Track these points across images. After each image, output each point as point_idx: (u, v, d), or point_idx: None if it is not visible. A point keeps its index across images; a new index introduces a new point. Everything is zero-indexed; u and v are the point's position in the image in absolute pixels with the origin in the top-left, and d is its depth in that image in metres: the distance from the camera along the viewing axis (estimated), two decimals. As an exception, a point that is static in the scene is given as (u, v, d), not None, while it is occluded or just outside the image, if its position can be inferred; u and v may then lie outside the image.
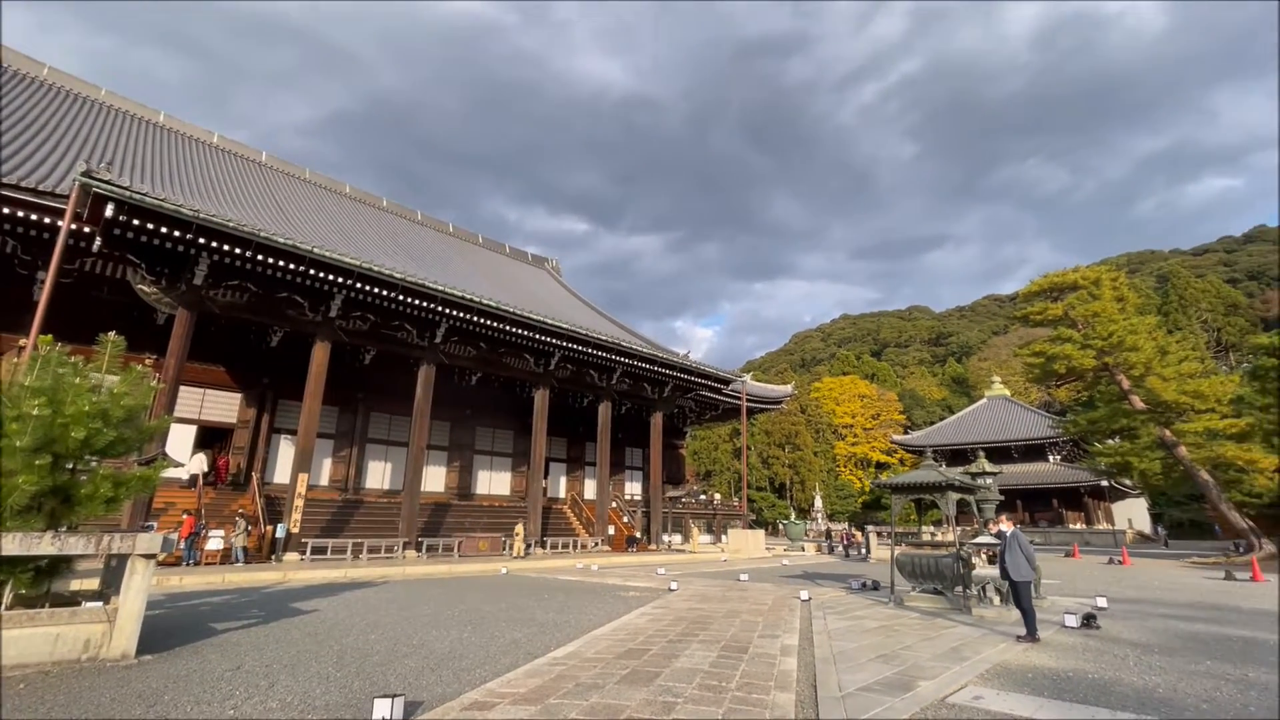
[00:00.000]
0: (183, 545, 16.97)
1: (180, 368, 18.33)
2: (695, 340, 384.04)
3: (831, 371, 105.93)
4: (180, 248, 17.32)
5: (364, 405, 28.85)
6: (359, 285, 20.24)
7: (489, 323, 23.42)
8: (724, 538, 34.83)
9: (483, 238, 44.55)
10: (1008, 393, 64.55)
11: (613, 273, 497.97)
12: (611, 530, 29.66)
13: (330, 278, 19.68)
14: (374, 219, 34.87)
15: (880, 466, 77.82)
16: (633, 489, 39.70)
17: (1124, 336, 28.10)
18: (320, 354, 21.29)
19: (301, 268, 18.94)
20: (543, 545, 25.84)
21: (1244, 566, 20.66)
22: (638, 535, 30.08)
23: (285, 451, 24.69)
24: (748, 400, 39.59)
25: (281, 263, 18.62)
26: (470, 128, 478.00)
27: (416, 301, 21.57)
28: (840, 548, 33.30)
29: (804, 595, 12.47)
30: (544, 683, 5.90)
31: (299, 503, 19.70)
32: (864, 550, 30.75)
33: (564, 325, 25.18)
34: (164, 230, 16.51)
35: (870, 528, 32.97)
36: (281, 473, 24.53)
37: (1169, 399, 27.05)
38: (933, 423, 73.99)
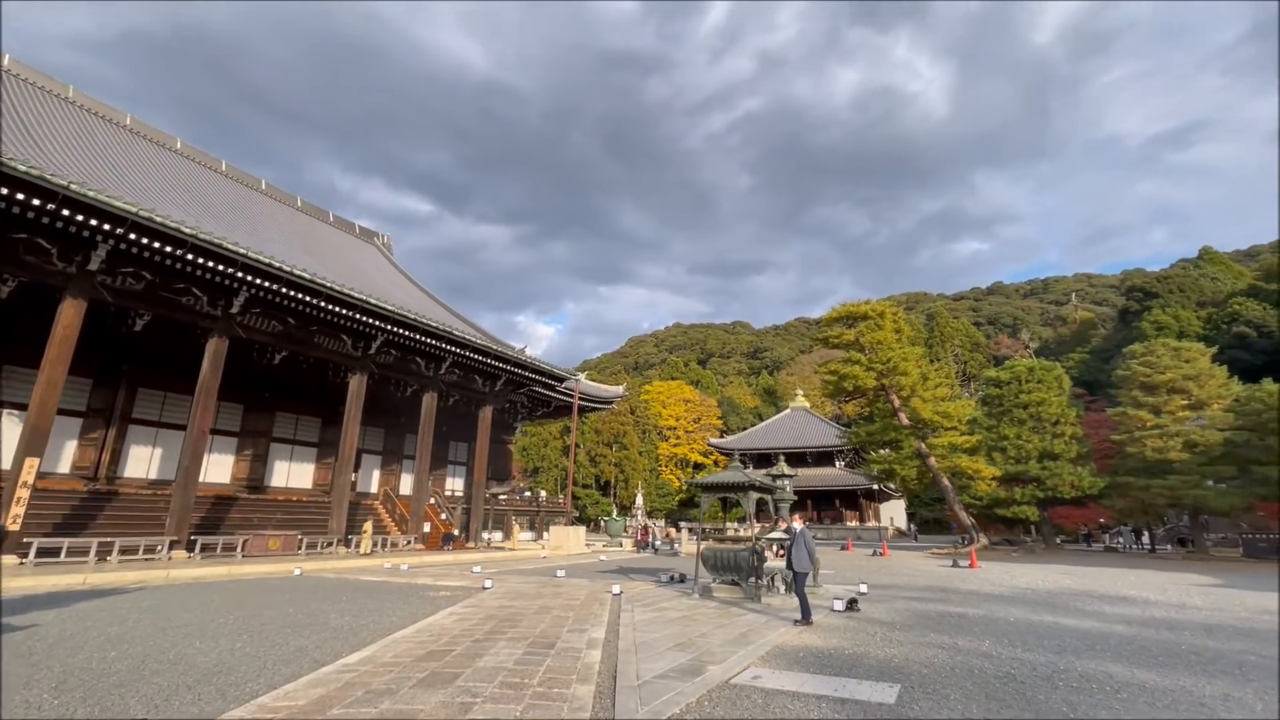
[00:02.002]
0: None
1: None
2: (536, 337, 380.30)
3: (661, 376, 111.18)
4: None
5: (130, 379, 24.29)
6: (131, 236, 16.97)
7: (300, 296, 20.97)
8: (546, 535, 34.84)
9: (302, 201, 39.81)
10: (807, 405, 72.69)
11: (455, 259, 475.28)
12: (427, 528, 28.18)
13: (89, 222, 16.23)
14: (163, 162, 29.45)
15: (697, 467, 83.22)
16: (455, 485, 38.10)
17: (898, 363, 33.18)
18: (71, 314, 17.44)
19: (37, 201, 15.32)
20: (346, 544, 23.76)
21: (966, 556, 25.43)
22: (455, 533, 28.91)
23: (12, 430, 19.86)
24: (581, 399, 40.06)
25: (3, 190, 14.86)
26: (305, 81, 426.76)
27: (209, 263, 18.61)
28: (639, 542, 33.39)
29: (616, 590, 12.92)
30: (329, 692, 5.43)
31: (22, 493, 15.96)
32: (674, 545, 32.73)
33: (390, 307, 23.40)
34: None
35: (683, 524, 35.14)
36: (7, 456, 19.68)
37: (926, 417, 32.47)
38: (745, 428, 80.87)
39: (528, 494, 43.35)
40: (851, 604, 11.02)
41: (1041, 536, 35.94)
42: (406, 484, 33.01)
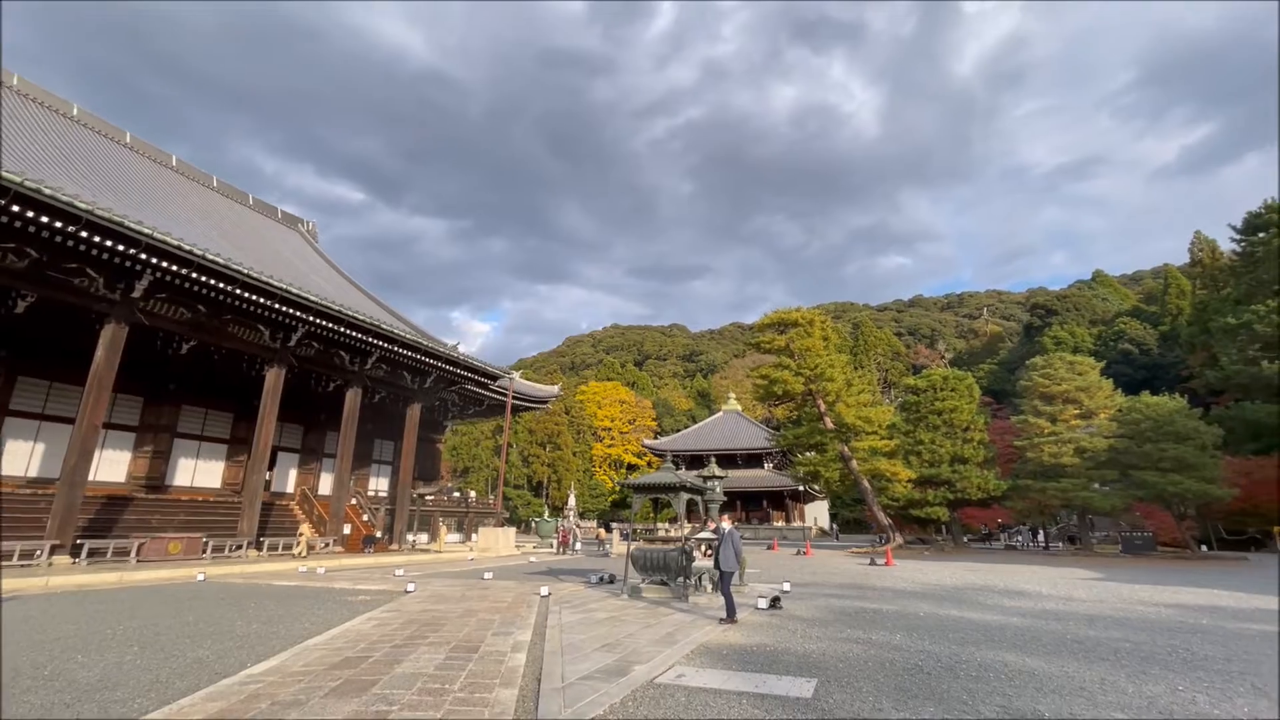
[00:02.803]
0: None
1: None
2: (471, 333, 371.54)
3: (598, 376, 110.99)
4: None
5: (8, 366, 22.00)
6: (15, 209, 15.36)
7: (212, 282, 19.58)
8: (474, 537, 34.05)
9: (219, 181, 37.24)
10: (739, 408, 74.44)
11: (388, 251, 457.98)
12: (348, 529, 26.95)
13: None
14: (56, 129, 26.83)
15: (631, 468, 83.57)
16: (379, 485, 36.63)
17: (825, 369, 34.50)
18: (-65, 291, 15.63)
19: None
20: (258, 547, 22.39)
21: (882, 554, 26.71)
22: (378, 535, 27.80)
23: None
24: (515, 398, 39.40)
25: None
26: (227, 54, 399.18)
27: (108, 242, 17.10)
28: (561, 544, 32.49)
29: (544, 591, 12.78)
30: (229, 705, 5.10)
31: None
32: (605, 546, 32.75)
33: (312, 297, 22.22)
34: None
35: (615, 525, 35.18)
36: None
37: (849, 422, 33.90)
38: (679, 430, 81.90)
39: (456, 494, 42.22)
40: (775, 602, 11.35)
41: (951, 535, 38.23)
42: (326, 484, 31.45)
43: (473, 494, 45.95)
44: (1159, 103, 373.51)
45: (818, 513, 67.42)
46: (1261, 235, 36.20)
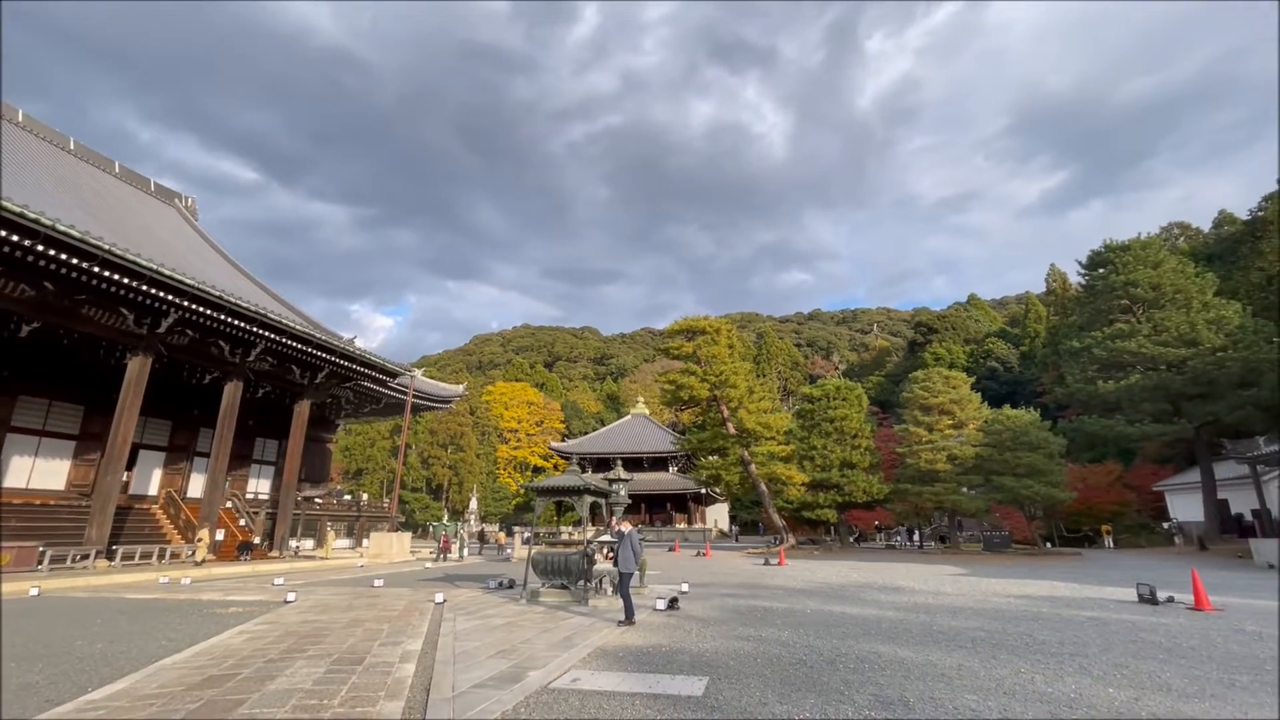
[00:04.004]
0: None
1: None
2: (372, 328, 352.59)
3: (506, 377, 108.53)
4: None
5: None
6: None
7: (62, 257, 17.35)
8: (366, 542, 32.23)
9: (78, 144, 33.02)
10: (647, 412, 75.40)
11: (282, 236, 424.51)
12: (221, 535, 24.65)
13: None
14: None
15: (537, 470, 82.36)
16: (260, 487, 33.78)
17: (729, 376, 35.71)
18: None
19: None
20: (109, 556, 19.99)
21: (776, 555, 27.96)
22: (255, 541, 25.63)
23: None
24: (416, 397, 37.71)
25: None
26: (98, 9, 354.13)
27: (-73, 205, 14.72)
28: (441, 549, 30.37)
29: (439, 598, 12.33)
30: (64, 736, 4.53)
31: None
32: (505, 550, 32.09)
33: (189, 280, 20.19)
34: None
35: (516, 528, 34.54)
36: None
37: (750, 427, 35.27)
38: (587, 433, 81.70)
39: (347, 497, 39.78)
40: (673, 603, 11.59)
41: (838, 536, 40.67)
42: (197, 485, 28.65)
43: (365, 497, 43.48)
44: (1025, 150, 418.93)
45: (718, 515, 69.49)
46: (1101, 270, 41.41)
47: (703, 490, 56.14)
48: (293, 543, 29.01)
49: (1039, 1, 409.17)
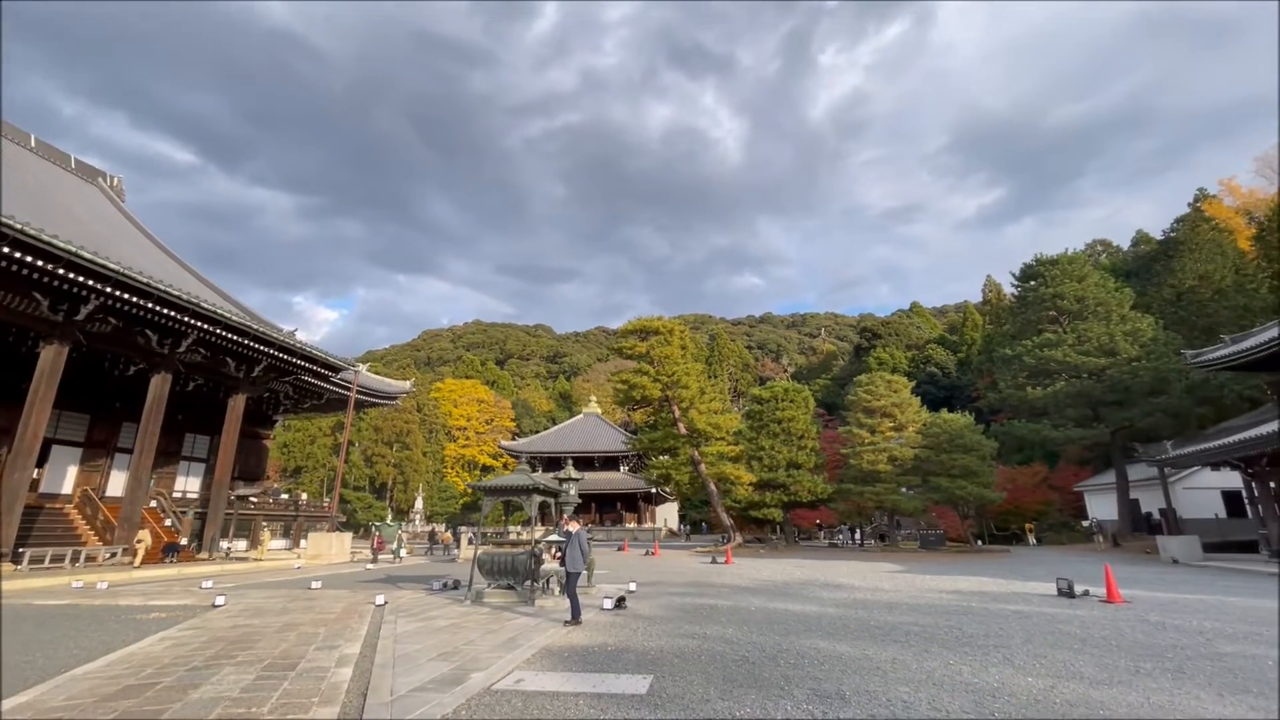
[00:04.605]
0: None
1: None
2: (315, 321, 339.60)
3: (455, 374, 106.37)
4: None
5: None
6: None
7: (-32, 237, 16.00)
8: (304, 543, 31.02)
9: (-17, 113, 30.56)
10: (599, 411, 75.25)
11: (221, 223, 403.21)
12: (145, 537, 23.23)
13: None
14: None
15: (486, 469, 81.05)
16: (190, 485, 31.96)
17: (681, 376, 36.04)
18: None
19: None
20: (15, 560, 18.55)
21: (723, 553, 28.39)
22: (182, 542, 24.27)
23: None
24: (360, 393, 36.49)
25: None
26: None
27: None
28: (374, 549, 29.41)
29: (380, 600, 11.99)
30: (-42, 753, 4.20)
31: None
32: (451, 550, 31.49)
33: (112, 264, 18.92)
34: None
35: (463, 528, 33.92)
36: None
37: (701, 427, 35.68)
38: (538, 431, 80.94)
39: (284, 496, 38.17)
40: (620, 602, 11.61)
41: (784, 535, 41.59)
42: (118, 483, 26.91)
43: (305, 496, 41.82)
44: (965, 166, 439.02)
45: (668, 514, 69.99)
46: (1032, 282, 43.79)
47: (653, 490, 56.47)
48: (224, 544, 27.63)
49: (980, 28, 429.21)
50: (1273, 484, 25.51)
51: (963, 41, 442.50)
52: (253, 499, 32.42)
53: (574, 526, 10.62)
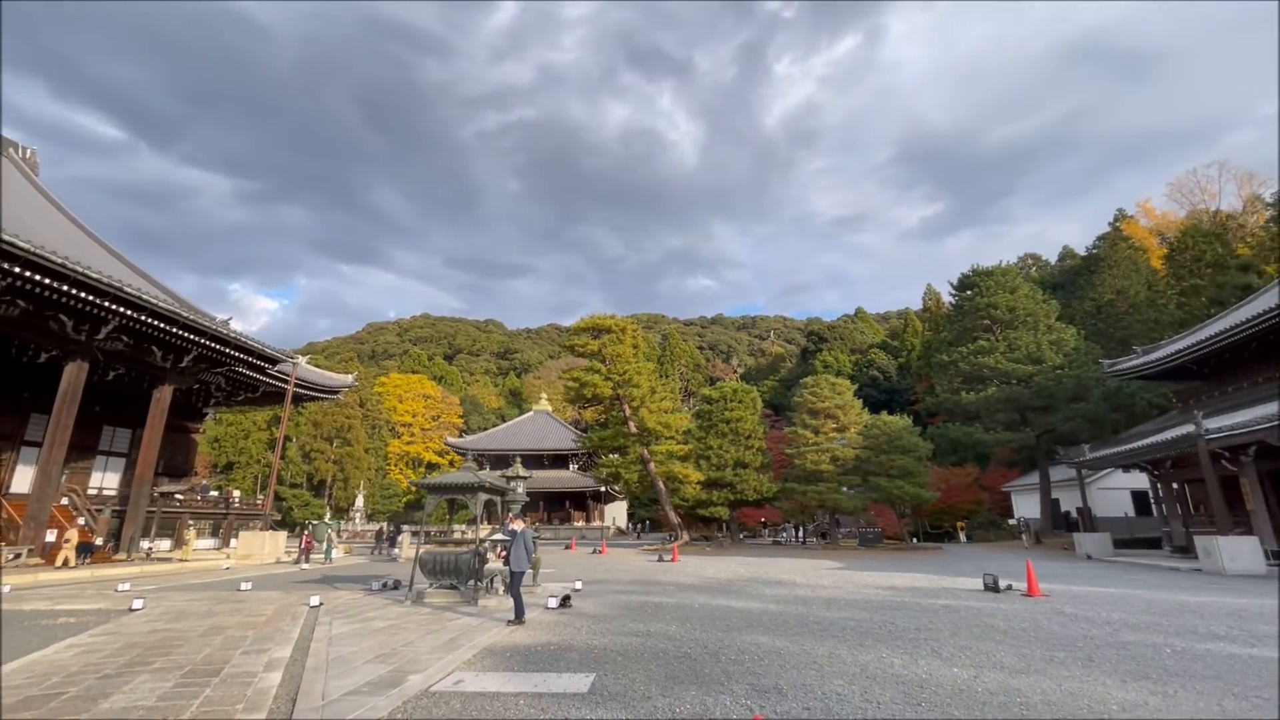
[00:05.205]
0: None
1: None
2: (254, 310, 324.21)
3: (401, 368, 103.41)
4: None
5: None
6: None
7: None
8: (234, 542, 29.57)
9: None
10: (550, 409, 74.63)
11: (150, 203, 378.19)
12: (53, 536, 21.65)
13: None
14: None
15: (431, 467, 79.14)
16: (108, 481, 29.93)
17: (633, 375, 36.12)
18: None
19: None
20: (-98, 561, 16.97)
21: (669, 551, 28.64)
22: (97, 542, 22.74)
23: None
24: (299, 386, 34.99)
25: None
26: None
27: None
28: (302, 549, 26.86)
29: (315, 601, 11.56)
30: None
31: None
32: (393, 550, 30.66)
33: (21, 243, 17.53)
34: None
35: (406, 527, 33.05)
36: None
37: (651, 426, 35.87)
38: (486, 429, 79.62)
39: (214, 494, 36.28)
40: (565, 600, 11.56)
41: (730, 533, 42.27)
42: (24, 479, 24.96)
43: (237, 494, 39.80)
44: (909, 179, 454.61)
45: (616, 513, 70.07)
46: (968, 292, 45.95)
47: (602, 488, 56.41)
48: (145, 544, 26.03)
49: (926, 47, 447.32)
50: (1175, 485, 27.60)
51: (910, 60, 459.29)
52: (178, 496, 30.67)
53: (519, 525, 10.50)
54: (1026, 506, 43.58)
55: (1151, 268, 53.75)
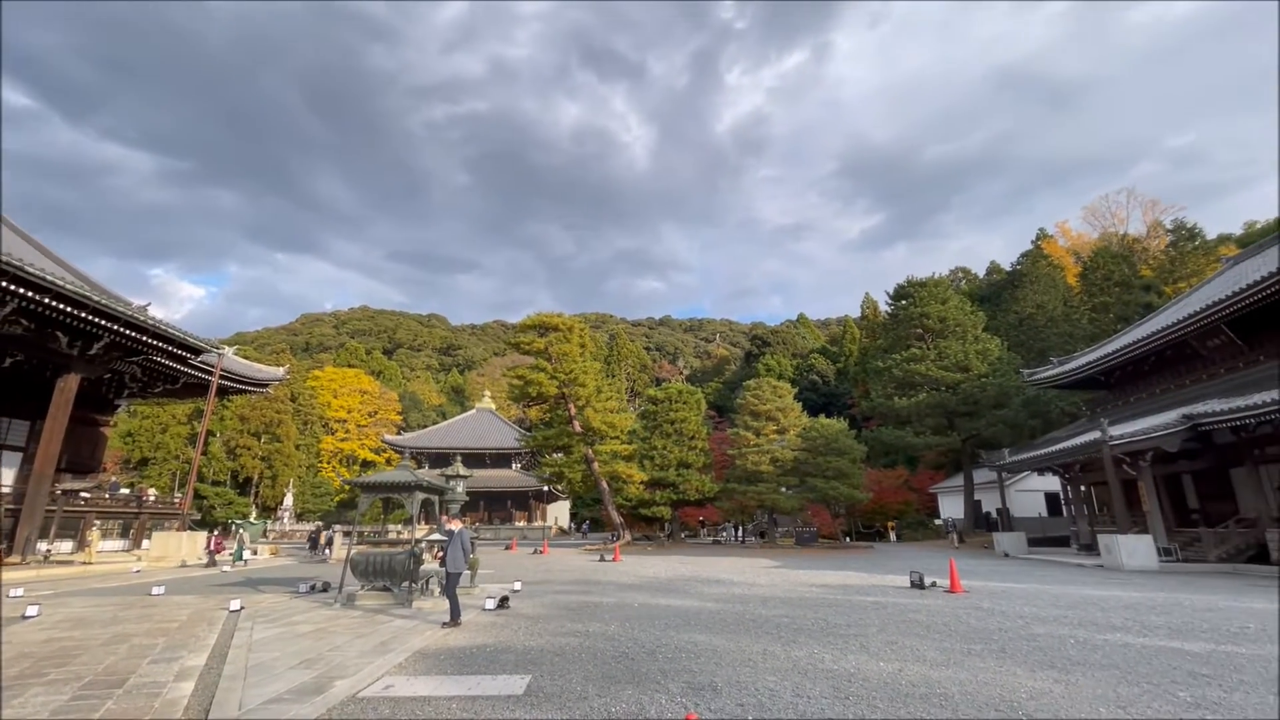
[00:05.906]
0: None
1: None
2: (178, 297, 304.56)
3: (337, 362, 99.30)
4: None
5: None
6: None
7: None
8: (146, 543, 27.68)
9: None
10: (493, 407, 73.38)
11: (61, 178, 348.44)
12: (-67, 537, 19.68)
13: None
14: None
15: (367, 464, 76.39)
16: (4, 478, 27.46)
17: (579, 374, 35.95)
18: None
19: None
20: None
21: (611, 551, 28.65)
22: (-12, 543, 20.83)
23: None
24: (224, 378, 33.07)
25: None
26: None
27: None
28: (209, 551, 26.54)
29: (235, 605, 10.96)
30: None
31: None
32: (324, 550, 29.43)
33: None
34: None
35: (338, 527, 31.79)
36: None
37: (596, 426, 35.80)
38: (426, 426, 77.50)
39: (125, 491, 33.84)
40: (503, 601, 11.39)
41: (671, 533, 42.66)
42: (-101, 474, 22.61)
43: (152, 492, 37.27)
44: (850, 192, 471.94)
45: (559, 513, 69.53)
46: (903, 302, 48.06)
47: (545, 488, 55.92)
48: (43, 545, 24.02)
49: (870, 66, 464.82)
50: (1083, 487, 29.68)
51: (854, 78, 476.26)
52: (84, 493, 28.45)
53: (456, 525, 10.28)
54: (952, 507, 45.88)
55: (1068, 284, 57.60)
